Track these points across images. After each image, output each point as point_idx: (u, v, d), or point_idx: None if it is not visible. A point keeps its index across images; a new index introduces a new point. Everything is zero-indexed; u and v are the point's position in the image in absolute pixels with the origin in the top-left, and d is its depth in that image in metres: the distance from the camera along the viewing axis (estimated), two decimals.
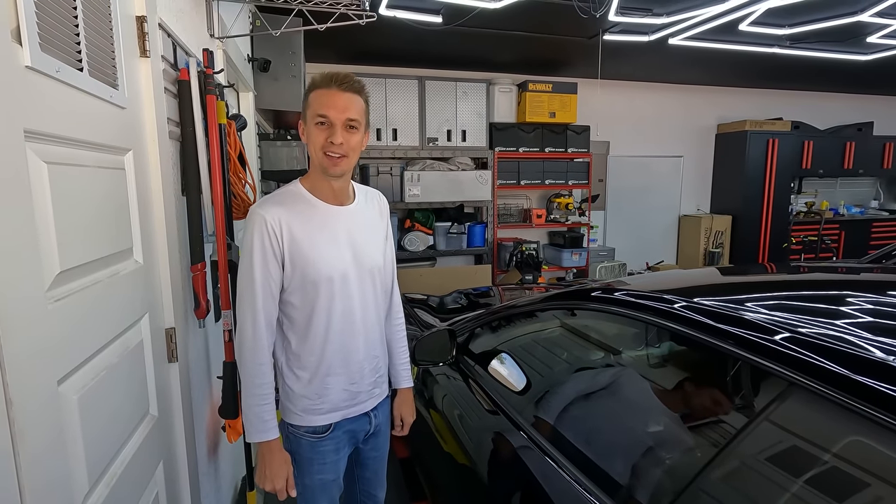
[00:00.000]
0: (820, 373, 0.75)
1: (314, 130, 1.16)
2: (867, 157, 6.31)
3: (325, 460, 1.28)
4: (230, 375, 1.46)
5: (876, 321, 0.94)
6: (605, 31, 3.84)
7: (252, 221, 1.16)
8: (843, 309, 1.04)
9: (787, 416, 0.82)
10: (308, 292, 1.20)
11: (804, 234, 6.12)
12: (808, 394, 0.76)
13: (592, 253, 5.46)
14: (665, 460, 1.04)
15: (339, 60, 4.70)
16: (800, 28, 3.75)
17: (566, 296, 1.64)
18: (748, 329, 0.90)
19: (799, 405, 0.80)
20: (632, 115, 5.79)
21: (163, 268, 1.23)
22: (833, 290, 1.25)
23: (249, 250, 1.15)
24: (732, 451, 0.87)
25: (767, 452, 0.83)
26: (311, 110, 1.17)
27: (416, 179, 4.60)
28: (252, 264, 1.15)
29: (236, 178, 1.66)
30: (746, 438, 0.86)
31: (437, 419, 1.83)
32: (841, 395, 0.72)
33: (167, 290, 1.24)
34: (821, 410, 0.76)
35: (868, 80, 5.75)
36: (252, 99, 2.96)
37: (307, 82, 1.24)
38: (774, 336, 0.85)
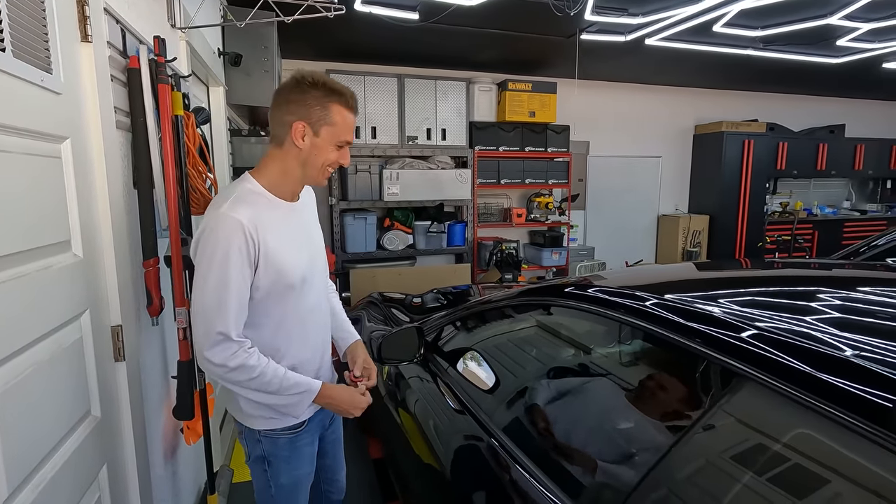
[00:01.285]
0: (781, 369, 0.75)
1: (330, 149, 1.17)
2: (839, 158, 6.45)
3: (303, 453, 1.30)
4: (185, 375, 1.41)
5: (843, 317, 0.95)
6: (582, 31, 3.85)
7: (224, 225, 1.07)
8: (811, 305, 1.05)
9: (748, 411, 0.83)
10: (279, 296, 1.17)
11: (779, 233, 6.23)
12: (770, 390, 0.76)
13: (572, 252, 5.48)
14: (632, 461, 1.02)
15: (316, 57, 4.64)
16: (772, 30, 3.81)
17: (539, 291, 1.62)
18: (716, 326, 0.90)
19: (760, 400, 0.79)
20: (611, 116, 5.83)
21: (108, 262, 1.18)
22: (802, 287, 1.26)
23: (224, 257, 1.06)
24: (698, 448, 0.87)
25: (733, 450, 0.83)
26: (336, 129, 1.16)
27: (395, 178, 4.56)
28: (228, 275, 1.07)
29: (195, 172, 1.61)
30: (713, 435, 0.86)
31: (408, 421, 1.81)
32: (799, 390, 0.71)
33: (113, 285, 1.19)
34: (780, 406, 0.76)
35: (839, 83, 5.87)
36: (223, 94, 2.89)
37: (319, 85, 1.15)
38: (741, 333, 0.85)
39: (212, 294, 1.07)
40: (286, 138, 1.16)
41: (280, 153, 1.18)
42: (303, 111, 1.13)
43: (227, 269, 1.07)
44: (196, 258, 1.11)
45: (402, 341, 1.76)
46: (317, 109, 1.14)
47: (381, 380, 2.18)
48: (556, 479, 1.09)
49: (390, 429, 1.97)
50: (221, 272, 1.07)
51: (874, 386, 0.66)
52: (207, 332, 1.08)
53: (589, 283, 1.44)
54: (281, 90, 1.17)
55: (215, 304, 1.07)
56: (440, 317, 2.00)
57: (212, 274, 1.07)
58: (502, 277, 4.84)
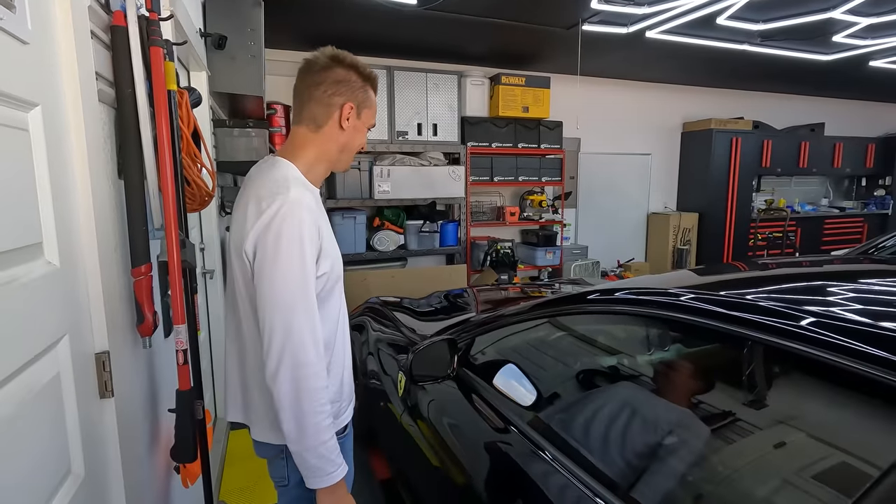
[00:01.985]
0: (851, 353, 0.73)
1: (364, 132, 1.16)
2: (819, 156, 6.55)
3: (349, 457, 1.24)
4: (186, 407, 1.15)
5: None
6: (584, 21, 3.70)
7: (294, 213, 0.98)
8: (853, 294, 1.03)
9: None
10: (330, 290, 1.11)
11: (769, 230, 6.27)
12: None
13: (566, 251, 5.35)
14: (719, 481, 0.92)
15: (302, 46, 4.35)
16: (773, 24, 3.75)
17: (567, 300, 1.48)
18: (766, 315, 0.86)
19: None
20: (601, 112, 5.73)
21: (91, 271, 0.91)
22: (842, 280, 1.22)
23: (299, 248, 0.98)
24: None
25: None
26: (372, 111, 1.16)
27: (386, 175, 4.31)
28: (304, 265, 0.99)
29: (190, 161, 1.34)
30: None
31: (427, 432, 1.62)
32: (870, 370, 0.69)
33: (97, 300, 0.92)
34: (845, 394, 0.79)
35: (821, 83, 5.95)
36: (206, 79, 2.60)
37: (360, 67, 1.13)
38: (800, 321, 0.81)
39: (292, 286, 0.97)
40: (328, 120, 1.10)
41: (317, 137, 1.12)
42: (350, 93, 1.10)
43: (305, 259, 0.99)
44: (262, 247, 0.98)
45: (436, 356, 1.54)
46: (360, 92, 1.12)
47: (398, 396, 1.97)
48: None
49: (402, 444, 1.78)
50: (300, 262, 0.99)
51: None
52: (289, 328, 0.96)
53: (636, 286, 1.31)
54: (322, 69, 1.10)
55: (290, 302, 0.97)
56: (468, 326, 1.78)
57: (292, 264, 0.98)
58: (499, 278, 4.65)
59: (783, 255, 3.87)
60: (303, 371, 0.96)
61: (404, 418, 1.89)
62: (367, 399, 2.20)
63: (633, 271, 5.69)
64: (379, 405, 2.13)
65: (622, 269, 5.76)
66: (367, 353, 2.42)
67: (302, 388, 0.96)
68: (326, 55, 1.10)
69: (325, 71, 1.09)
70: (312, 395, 0.97)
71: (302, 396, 0.96)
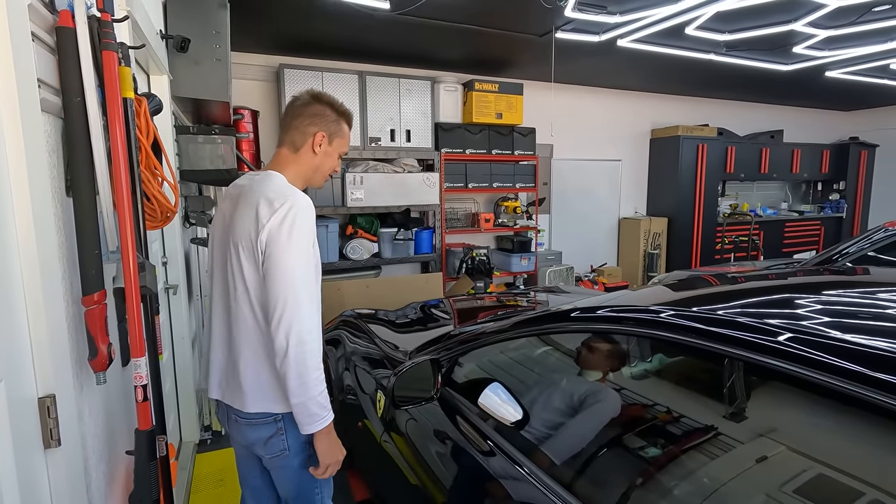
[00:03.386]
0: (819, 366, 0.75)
1: (335, 157, 1.41)
2: (779, 162, 6.81)
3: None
4: (146, 449, 1.04)
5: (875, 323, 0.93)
6: (557, 29, 3.71)
7: (305, 211, 1.21)
8: (832, 308, 1.06)
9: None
10: (316, 283, 1.29)
11: (734, 234, 6.46)
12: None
13: (540, 257, 5.36)
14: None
15: (269, 50, 4.21)
16: (738, 35, 3.85)
17: (549, 318, 1.45)
18: (747, 331, 0.88)
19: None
20: (573, 119, 5.79)
21: (33, 305, 0.80)
22: (809, 293, 1.24)
23: (307, 239, 1.20)
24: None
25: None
26: (343, 141, 1.40)
27: (359, 182, 4.21)
28: (309, 255, 1.21)
29: (150, 174, 1.24)
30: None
31: (408, 453, 1.57)
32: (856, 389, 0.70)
33: (41, 338, 0.81)
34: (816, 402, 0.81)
35: (782, 91, 6.19)
36: (167, 84, 2.46)
37: (336, 105, 1.40)
38: (777, 337, 0.83)
39: (302, 269, 1.19)
40: (304, 145, 1.35)
41: (295, 158, 1.36)
42: (324, 124, 1.35)
43: (310, 249, 1.22)
44: (276, 241, 1.18)
45: (419, 378, 1.46)
46: (333, 125, 1.37)
47: (377, 416, 1.89)
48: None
49: (380, 463, 1.72)
50: (307, 251, 1.20)
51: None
52: (298, 302, 1.17)
53: (617, 304, 1.30)
54: (303, 104, 1.36)
55: (312, 280, 1.22)
56: (449, 346, 1.72)
57: (302, 252, 1.19)
58: (475, 285, 4.61)
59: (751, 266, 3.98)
60: (306, 336, 1.17)
61: (384, 438, 1.81)
62: (343, 416, 2.11)
63: (606, 276, 5.75)
64: (356, 424, 2.04)
65: (595, 275, 5.82)
66: (342, 369, 2.32)
67: (306, 349, 1.17)
68: (309, 94, 1.37)
69: (305, 106, 1.35)
70: (314, 355, 1.19)
71: (307, 356, 1.17)
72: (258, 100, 4.28)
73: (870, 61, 4.69)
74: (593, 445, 1.25)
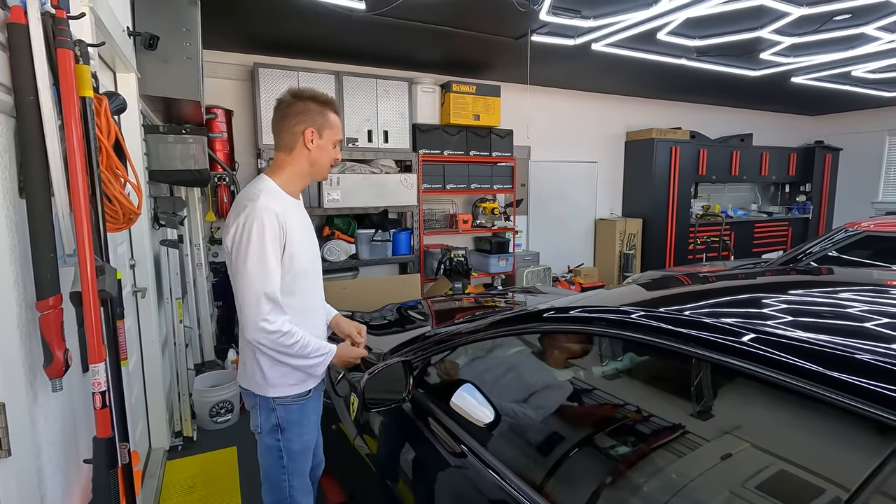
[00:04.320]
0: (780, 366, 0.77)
1: (330, 147, 1.45)
2: (749, 164, 7.01)
3: (311, 420, 1.54)
4: (105, 457, 1.02)
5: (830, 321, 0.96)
6: (533, 32, 3.74)
7: (260, 215, 1.29)
8: (796, 307, 1.08)
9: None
10: (296, 279, 1.40)
11: (706, 235, 6.61)
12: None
13: (518, 258, 5.40)
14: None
15: (243, 49, 4.15)
16: (708, 41, 3.95)
17: (522, 318, 1.46)
18: (714, 332, 0.90)
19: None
20: (550, 121, 5.86)
21: None
22: (776, 293, 1.28)
23: (262, 241, 1.28)
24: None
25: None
26: (334, 130, 1.45)
27: (335, 183, 4.18)
28: (266, 254, 1.29)
29: (112, 176, 1.20)
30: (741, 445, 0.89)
31: (381, 455, 1.62)
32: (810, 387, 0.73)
33: None
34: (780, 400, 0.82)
35: (750, 96, 6.37)
36: (135, 82, 2.40)
37: (318, 97, 1.44)
38: (741, 337, 0.85)
39: (257, 269, 1.29)
40: (296, 145, 1.42)
41: (290, 159, 1.43)
42: (309, 119, 1.41)
43: (266, 248, 1.29)
44: (236, 244, 1.31)
45: (390, 380, 1.46)
46: (318, 117, 1.42)
47: (350, 418, 1.88)
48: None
49: (362, 472, 1.72)
50: (262, 251, 1.29)
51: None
52: (259, 302, 1.29)
53: (589, 304, 1.32)
54: (286, 106, 1.41)
55: (263, 275, 1.29)
56: (422, 347, 1.72)
57: (255, 254, 1.28)
58: (453, 286, 4.62)
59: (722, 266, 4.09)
60: (267, 333, 1.31)
61: (357, 441, 1.80)
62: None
63: (582, 276, 5.83)
64: (330, 427, 2.03)
65: (572, 275, 5.89)
66: None
67: (275, 340, 1.32)
68: (289, 94, 1.42)
69: (288, 107, 1.41)
70: (278, 340, 1.32)
71: (279, 346, 1.33)
72: (232, 99, 4.21)
73: (832, 68, 4.87)
74: (564, 445, 1.27)
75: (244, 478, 2.54)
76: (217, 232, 4.16)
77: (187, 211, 3.47)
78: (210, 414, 3.01)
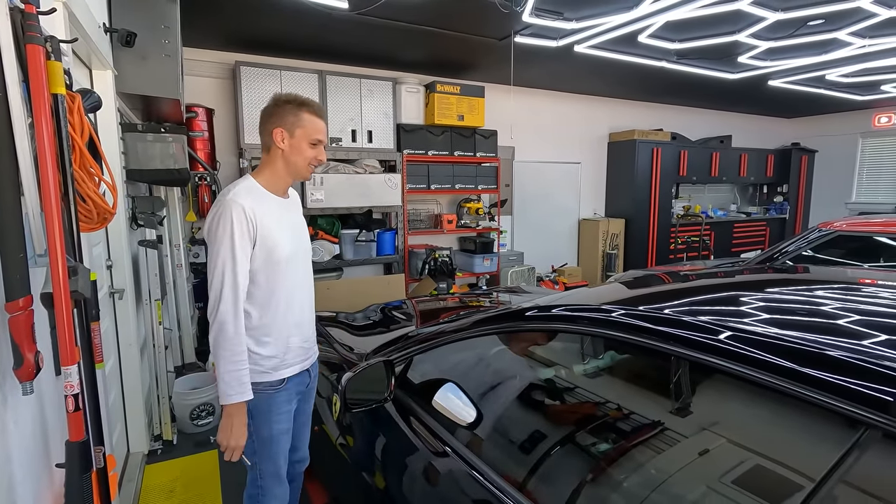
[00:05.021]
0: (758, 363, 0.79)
1: (307, 147, 1.49)
2: (728, 165, 7.14)
3: (281, 410, 1.55)
4: (78, 461, 1.00)
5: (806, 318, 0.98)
6: (516, 33, 3.77)
7: (227, 209, 1.37)
8: (760, 305, 1.09)
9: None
10: (272, 271, 1.46)
11: (687, 235, 6.72)
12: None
13: (502, 258, 5.43)
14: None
15: (224, 47, 4.10)
16: (687, 44, 4.03)
17: (505, 317, 1.48)
18: (691, 330, 0.91)
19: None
20: (534, 122, 5.90)
21: None
22: (752, 291, 1.31)
23: (229, 234, 1.36)
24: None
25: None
26: (307, 129, 1.48)
27: (319, 183, 4.15)
28: (233, 246, 1.37)
29: (85, 174, 1.18)
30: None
31: (361, 453, 1.63)
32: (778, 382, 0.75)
33: None
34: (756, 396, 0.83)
35: (729, 99, 6.50)
36: (111, 79, 2.36)
37: (291, 99, 1.49)
38: (718, 335, 0.87)
39: (222, 260, 1.36)
40: (272, 145, 1.49)
41: (269, 158, 1.51)
42: (279, 120, 1.47)
43: (234, 241, 1.36)
44: (209, 238, 1.40)
45: (371, 380, 1.46)
46: (290, 117, 1.47)
47: (333, 419, 1.87)
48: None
49: (345, 473, 1.72)
50: (229, 242, 1.36)
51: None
52: (222, 289, 1.36)
53: (571, 303, 1.34)
54: (265, 111, 1.50)
55: (229, 266, 1.37)
56: (404, 347, 1.72)
57: (223, 247, 1.36)
58: (437, 286, 4.62)
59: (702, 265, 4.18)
60: (222, 318, 1.36)
61: (340, 442, 1.79)
62: None
63: (566, 276, 5.88)
64: (313, 428, 2.02)
65: (556, 274, 5.94)
66: None
67: (221, 332, 1.37)
68: (272, 99, 1.50)
69: (267, 111, 1.50)
70: (225, 338, 1.37)
71: (219, 338, 1.37)
72: (214, 97, 4.15)
73: (807, 72, 4.99)
74: (545, 443, 1.28)
75: (226, 481, 2.51)
76: (198, 232, 4.10)
77: (167, 211, 3.42)
78: (191, 417, 2.96)
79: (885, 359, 0.71)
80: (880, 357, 0.72)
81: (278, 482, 1.58)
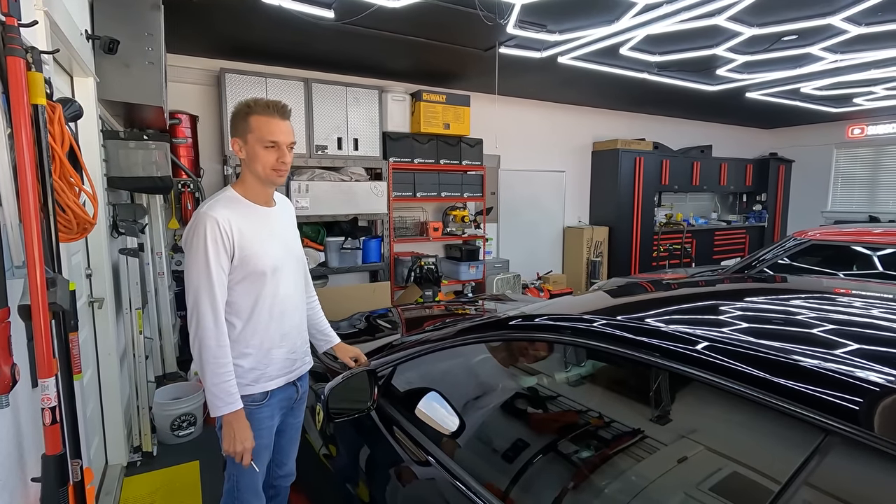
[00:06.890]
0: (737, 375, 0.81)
1: (263, 152, 1.43)
2: (709, 175, 7.30)
3: (262, 426, 1.52)
4: (54, 475, 0.98)
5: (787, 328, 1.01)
6: (501, 44, 3.82)
7: (201, 222, 1.37)
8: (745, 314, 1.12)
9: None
10: (253, 282, 1.45)
11: (669, 242, 6.84)
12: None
13: (488, 265, 5.46)
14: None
15: (209, 53, 4.08)
16: (668, 56, 4.12)
17: (488, 326, 1.49)
18: (670, 341, 0.94)
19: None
20: (520, 131, 5.96)
21: None
22: (731, 300, 1.34)
23: (203, 247, 1.35)
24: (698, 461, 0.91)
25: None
26: (256, 134, 1.43)
27: (304, 190, 4.14)
28: (207, 259, 1.36)
29: (65, 184, 1.18)
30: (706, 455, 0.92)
31: (344, 463, 1.63)
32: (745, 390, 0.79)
33: None
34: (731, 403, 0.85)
35: (709, 110, 6.65)
36: (93, 86, 2.34)
37: (242, 106, 1.46)
38: (695, 346, 0.90)
39: (197, 271, 1.36)
40: (239, 156, 1.47)
41: (242, 168, 1.50)
42: (234, 130, 1.47)
43: (208, 254, 1.36)
44: (185, 251, 1.41)
45: (354, 389, 1.46)
46: (241, 124, 1.45)
47: (316, 429, 1.86)
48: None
49: (328, 483, 1.71)
50: (203, 254, 1.35)
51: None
52: (199, 300, 1.36)
53: (554, 312, 1.36)
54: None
55: (204, 277, 1.36)
56: (390, 357, 1.73)
57: (198, 259, 1.36)
58: (423, 294, 4.63)
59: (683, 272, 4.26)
60: (202, 333, 1.36)
61: (323, 452, 1.79)
62: None
63: (551, 283, 5.93)
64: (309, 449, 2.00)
65: (541, 282, 5.98)
66: None
67: (203, 345, 1.36)
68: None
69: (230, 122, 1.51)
70: (207, 350, 1.36)
71: (203, 350, 1.36)
72: (198, 104, 4.13)
73: (783, 84, 5.14)
74: (528, 452, 1.29)
75: (206, 492, 2.47)
76: (180, 240, 4.05)
77: (149, 218, 3.38)
78: (171, 427, 2.92)
79: (853, 366, 0.75)
80: (848, 365, 0.76)
81: (255, 496, 1.56)
